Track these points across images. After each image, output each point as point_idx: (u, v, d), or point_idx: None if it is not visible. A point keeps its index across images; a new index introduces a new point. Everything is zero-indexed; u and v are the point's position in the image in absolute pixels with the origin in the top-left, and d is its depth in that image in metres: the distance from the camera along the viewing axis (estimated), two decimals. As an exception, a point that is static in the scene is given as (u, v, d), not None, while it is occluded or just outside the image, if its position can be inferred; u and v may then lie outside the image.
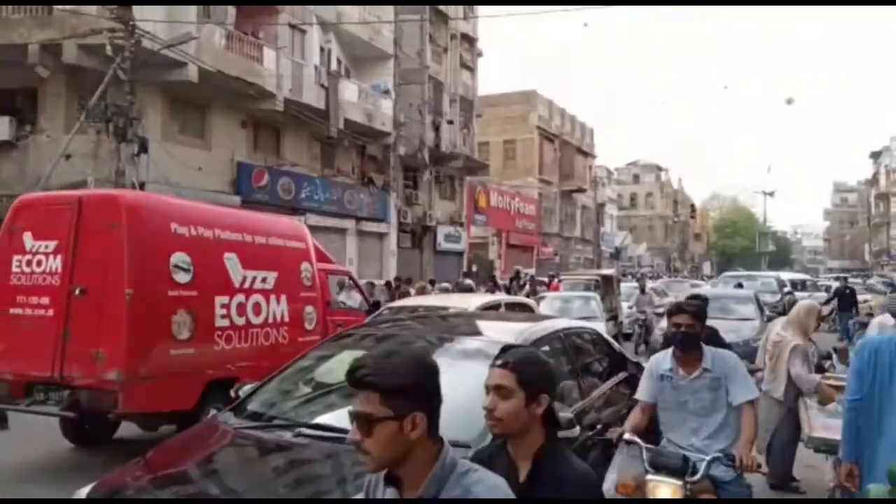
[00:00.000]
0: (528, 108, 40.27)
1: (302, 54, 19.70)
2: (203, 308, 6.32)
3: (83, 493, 2.91)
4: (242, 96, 17.57)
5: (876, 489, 2.64)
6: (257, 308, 6.97)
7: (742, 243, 77.80)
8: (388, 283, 18.53)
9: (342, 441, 3.05)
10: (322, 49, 20.96)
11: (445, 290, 13.66)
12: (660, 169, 74.13)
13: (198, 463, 3.20)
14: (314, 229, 18.26)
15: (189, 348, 6.13)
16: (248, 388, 3.93)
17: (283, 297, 7.34)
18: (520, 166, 40.19)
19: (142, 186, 14.62)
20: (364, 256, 22.65)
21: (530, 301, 10.16)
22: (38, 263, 6.13)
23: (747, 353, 11.00)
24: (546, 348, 3.87)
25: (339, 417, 3.36)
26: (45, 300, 6.01)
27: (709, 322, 11.26)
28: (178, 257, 6.16)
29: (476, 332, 4.12)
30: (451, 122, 28.20)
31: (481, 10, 30.17)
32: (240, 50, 16.87)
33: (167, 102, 16.54)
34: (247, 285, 6.88)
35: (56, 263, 6.04)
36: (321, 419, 3.34)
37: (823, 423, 4.47)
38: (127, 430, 6.79)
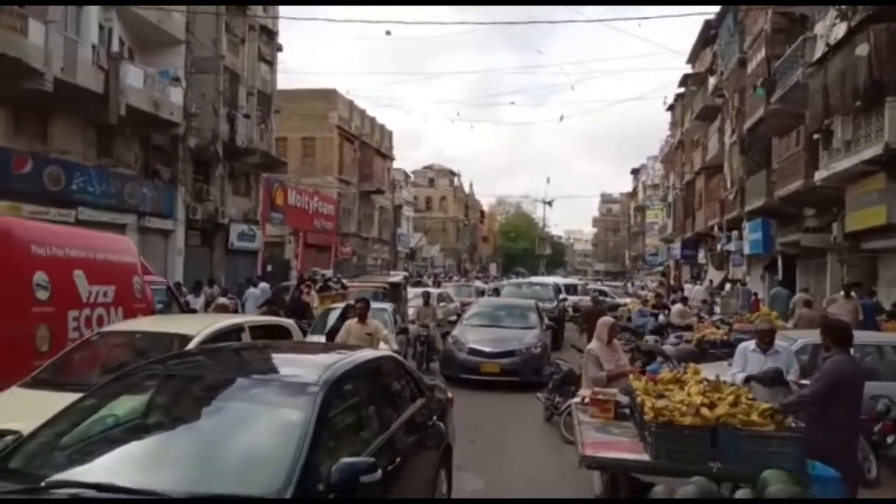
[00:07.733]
0: (327, 107, 39.79)
1: (77, 31, 17.64)
2: (59, 322, 6.88)
3: None
4: (1, 73, 15.33)
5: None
6: (101, 320, 7.48)
7: (524, 246, 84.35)
8: (197, 284, 18.40)
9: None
10: (102, 27, 18.91)
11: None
12: (453, 174, 77.50)
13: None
14: (88, 224, 16.66)
15: (47, 360, 6.44)
16: (9, 439, 3.44)
17: (121, 309, 7.92)
18: (319, 165, 39.63)
19: None
20: (148, 254, 20.58)
21: (286, 321, 8.72)
22: None
23: (530, 358, 12.01)
24: (349, 386, 3.85)
25: (118, 474, 3.06)
26: None
27: (500, 330, 12.45)
28: (39, 276, 6.68)
29: (275, 370, 3.98)
30: (247, 116, 26.94)
31: (282, 9, 29.44)
32: (-3, 19, 14.69)
33: None
34: (92, 299, 7.47)
35: None
36: (100, 478, 2.98)
37: (594, 440, 4.78)
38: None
